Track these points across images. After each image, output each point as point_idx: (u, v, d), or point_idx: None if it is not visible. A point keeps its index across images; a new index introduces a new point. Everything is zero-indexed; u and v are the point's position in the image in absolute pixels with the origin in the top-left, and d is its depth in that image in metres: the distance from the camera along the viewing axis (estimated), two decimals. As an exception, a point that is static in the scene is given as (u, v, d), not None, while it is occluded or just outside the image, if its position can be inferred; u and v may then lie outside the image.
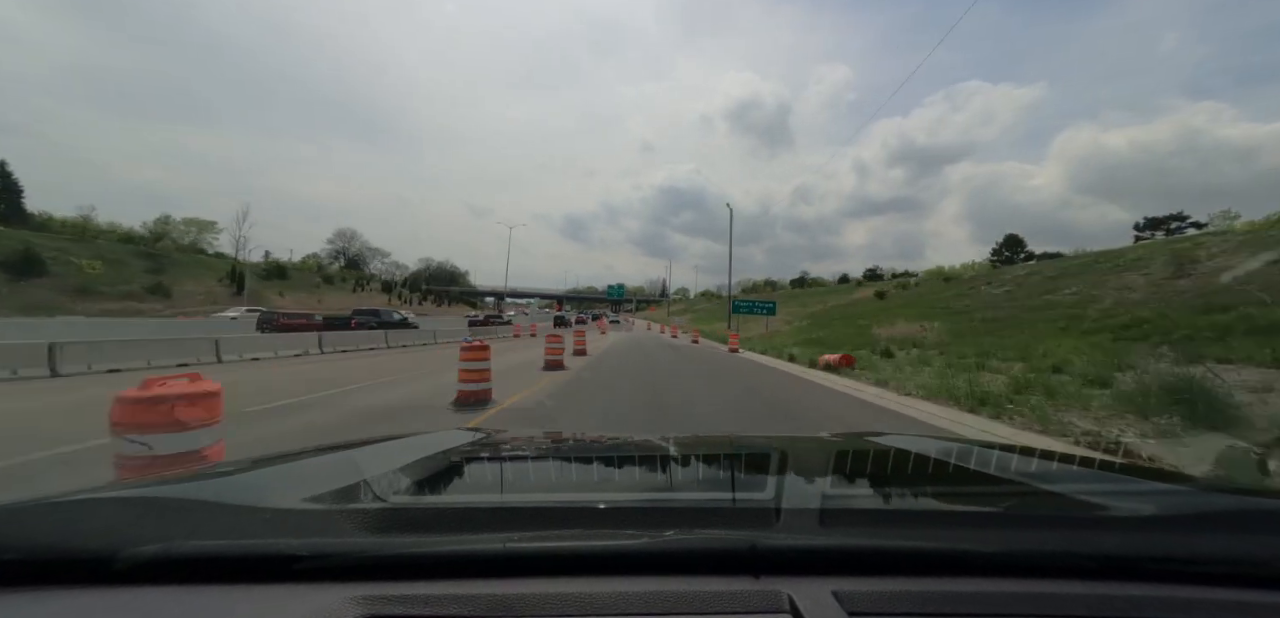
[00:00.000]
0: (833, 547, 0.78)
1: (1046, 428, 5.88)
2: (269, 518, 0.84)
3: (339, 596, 0.65)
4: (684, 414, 6.92)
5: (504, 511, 0.98)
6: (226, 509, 0.89)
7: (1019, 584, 0.72)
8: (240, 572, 0.70)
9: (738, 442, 1.79)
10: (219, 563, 0.71)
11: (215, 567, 0.71)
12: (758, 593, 0.68)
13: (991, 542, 0.81)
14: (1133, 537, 0.87)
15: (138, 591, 0.67)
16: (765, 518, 0.90)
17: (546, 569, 0.72)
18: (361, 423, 6.13)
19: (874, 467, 1.37)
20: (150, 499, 0.89)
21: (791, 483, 1.22)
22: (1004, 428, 6.22)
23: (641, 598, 0.66)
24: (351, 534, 0.79)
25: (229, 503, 0.93)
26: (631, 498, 1.11)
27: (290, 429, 5.77)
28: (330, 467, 1.26)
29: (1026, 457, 1.36)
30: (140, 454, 2.70)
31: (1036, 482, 1.22)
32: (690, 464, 1.46)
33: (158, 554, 0.69)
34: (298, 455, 1.36)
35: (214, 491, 1.03)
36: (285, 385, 9.06)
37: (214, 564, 0.71)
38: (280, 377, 10.39)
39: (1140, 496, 1.14)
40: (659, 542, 0.76)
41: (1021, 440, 5.36)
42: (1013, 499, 1.13)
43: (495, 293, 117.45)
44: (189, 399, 2.87)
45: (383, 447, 1.50)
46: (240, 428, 5.41)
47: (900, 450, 1.54)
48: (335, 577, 0.69)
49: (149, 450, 2.71)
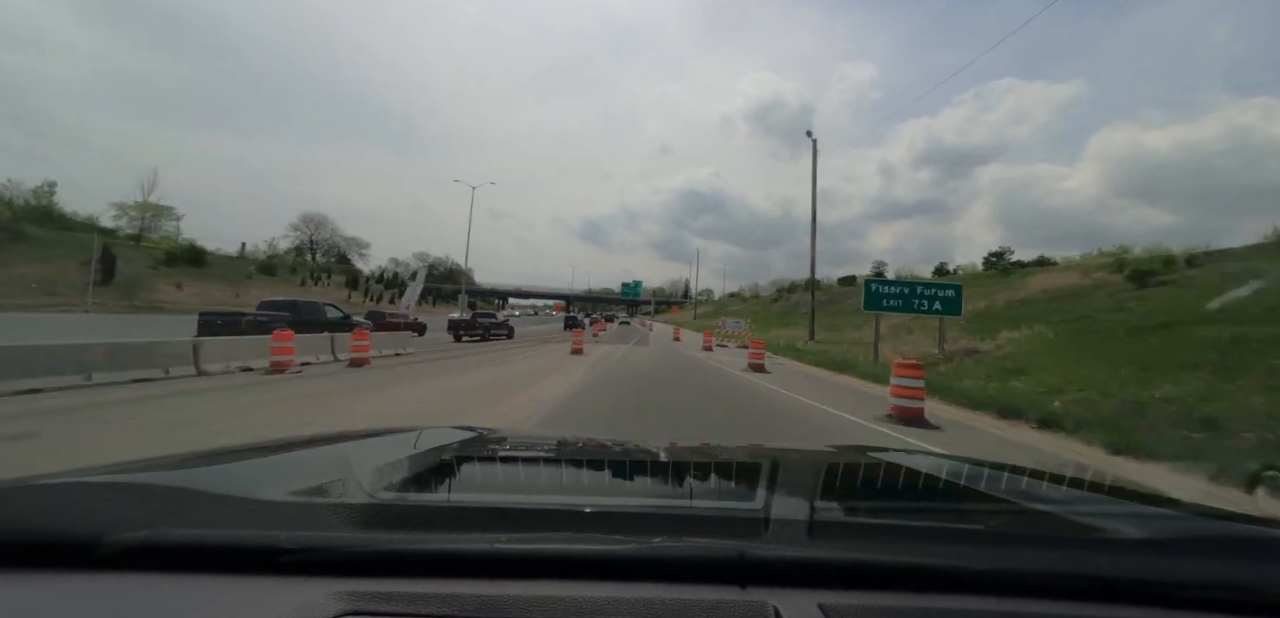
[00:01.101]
0: (820, 560, 0.77)
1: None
2: (255, 509, 0.84)
3: (323, 590, 0.64)
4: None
5: (492, 511, 0.96)
6: (213, 499, 0.88)
7: (1007, 604, 0.72)
8: (225, 562, 0.69)
9: (728, 452, 1.81)
10: (203, 552, 0.71)
11: (200, 556, 0.70)
12: (744, 603, 0.67)
13: (980, 560, 0.80)
14: (1123, 559, 0.87)
15: (122, 576, 0.67)
16: (754, 528, 0.89)
17: (533, 572, 0.71)
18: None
19: (864, 481, 1.40)
20: (137, 486, 0.89)
21: (781, 495, 1.17)
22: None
23: (628, 604, 0.66)
24: (337, 529, 0.79)
25: (216, 492, 0.92)
26: (621, 503, 1.11)
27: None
28: (319, 460, 1.26)
29: (1016, 476, 1.37)
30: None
31: (1027, 501, 1.24)
32: (681, 472, 1.46)
33: (142, 541, 0.69)
34: (287, 446, 1.37)
35: (201, 479, 1.03)
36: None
37: (198, 553, 0.71)
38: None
39: (1131, 518, 1.14)
40: (646, 548, 0.75)
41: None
42: (1003, 518, 1.14)
43: (499, 292, 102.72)
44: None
45: (372, 442, 1.53)
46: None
47: (891, 465, 1.55)
48: (319, 571, 0.69)
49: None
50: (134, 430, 5.58)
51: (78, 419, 5.89)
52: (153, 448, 4.97)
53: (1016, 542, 0.95)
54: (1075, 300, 21.44)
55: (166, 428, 5.68)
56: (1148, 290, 19.85)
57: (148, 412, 6.50)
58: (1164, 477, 5.34)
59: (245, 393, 8.11)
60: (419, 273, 45.87)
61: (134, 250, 54.79)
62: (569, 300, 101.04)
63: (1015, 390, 10.14)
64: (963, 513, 1.19)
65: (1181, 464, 5.60)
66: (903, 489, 1.37)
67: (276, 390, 8.47)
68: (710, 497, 1.27)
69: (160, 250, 57.50)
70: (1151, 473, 5.48)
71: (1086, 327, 16.01)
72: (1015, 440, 6.83)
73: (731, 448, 2.06)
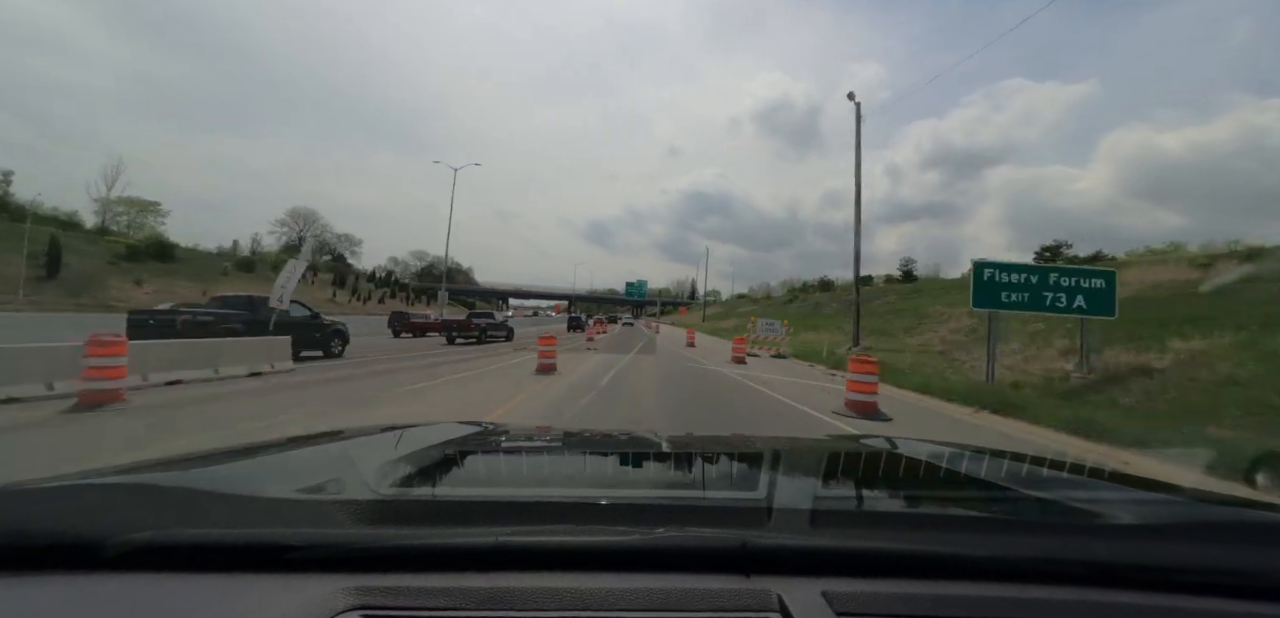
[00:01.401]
0: (823, 547, 0.77)
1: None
2: (262, 507, 0.84)
3: (331, 586, 0.64)
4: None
5: (497, 504, 0.97)
6: (219, 498, 0.88)
7: (1007, 589, 0.72)
8: (232, 561, 0.69)
9: (731, 442, 1.82)
10: (210, 551, 0.71)
11: (207, 555, 0.70)
12: (748, 592, 0.67)
13: (981, 546, 0.81)
14: (1122, 544, 0.87)
15: (128, 577, 0.66)
16: (757, 518, 0.89)
17: (538, 564, 0.71)
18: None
19: (865, 470, 1.41)
20: (143, 486, 0.89)
21: (783, 483, 1.20)
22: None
23: (633, 595, 0.66)
24: (344, 525, 0.79)
25: (222, 492, 0.92)
26: (624, 494, 1.11)
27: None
28: (324, 457, 1.27)
29: (1017, 463, 1.39)
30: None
31: (1027, 488, 1.24)
32: (684, 462, 1.45)
33: (149, 542, 0.69)
34: (291, 444, 1.37)
35: (207, 479, 1.02)
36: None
37: (205, 553, 0.70)
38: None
39: (1130, 504, 1.14)
40: (650, 539, 0.75)
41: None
42: (1003, 505, 1.15)
43: (499, 292, 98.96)
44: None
45: (377, 438, 1.51)
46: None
47: (892, 454, 1.55)
48: (327, 567, 0.69)
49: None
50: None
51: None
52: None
53: (1016, 528, 0.98)
54: (1227, 298, 15.89)
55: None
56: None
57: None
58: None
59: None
60: (304, 247, 30.93)
61: (92, 245, 50.02)
62: (571, 300, 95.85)
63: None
64: (963, 500, 1.19)
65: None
66: (904, 477, 1.39)
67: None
68: (713, 487, 1.28)
69: (122, 245, 52.73)
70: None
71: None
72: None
73: (732, 438, 2.10)
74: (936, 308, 25.62)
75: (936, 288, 35.29)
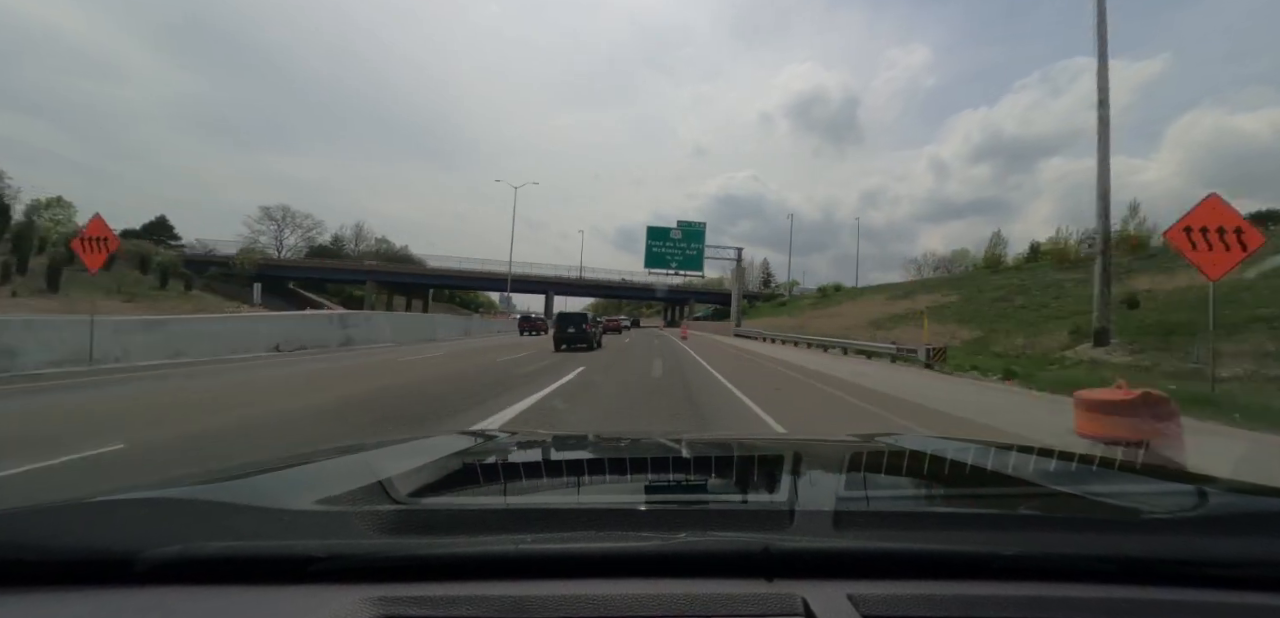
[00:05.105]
0: (847, 550, 0.77)
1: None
2: (286, 520, 0.85)
3: (355, 597, 0.65)
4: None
5: (517, 512, 0.99)
6: (244, 511, 0.89)
7: (1036, 588, 0.71)
8: (258, 573, 0.70)
9: (751, 444, 1.82)
10: (237, 564, 0.72)
11: (233, 568, 0.71)
12: (772, 596, 0.67)
13: (1008, 545, 0.80)
14: (1154, 539, 0.86)
15: (159, 590, 0.68)
16: (779, 521, 0.89)
17: (560, 571, 0.71)
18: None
19: (888, 469, 1.37)
20: (171, 501, 0.91)
21: (805, 485, 1.20)
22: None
23: (655, 600, 0.66)
24: (366, 536, 0.79)
25: (246, 505, 0.94)
26: (645, 500, 1.10)
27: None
28: (345, 468, 1.26)
29: (1044, 458, 1.34)
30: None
31: (1054, 483, 1.21)
32: (704, 466, 1.44)
33: (178, 555, 0.70)
34: (312, 457, 1.40)
35: (231, 493, 1.04)
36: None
37: (232, 565, 0.71)
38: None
39: (1162, 497, 1.13)
40: (672, 544, 0.75)
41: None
42: (1030, 501, 1.12)
43: (497, 282, 74.54)
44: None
45: (396, 448, 1.55)
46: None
47: (915, 452, 1.52)
48: (351, 578, 0.69)
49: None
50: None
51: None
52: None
53: (1044, 525, 0.96)
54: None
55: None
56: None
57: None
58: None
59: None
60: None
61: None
62: (559, 289, 63.88)
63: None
64: (989, 498, 1.18)
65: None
66: (927, 476, 1.37)
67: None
68: (734, 490, 1.29)
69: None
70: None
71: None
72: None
73: (752, 440, 2.14)
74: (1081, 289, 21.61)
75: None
